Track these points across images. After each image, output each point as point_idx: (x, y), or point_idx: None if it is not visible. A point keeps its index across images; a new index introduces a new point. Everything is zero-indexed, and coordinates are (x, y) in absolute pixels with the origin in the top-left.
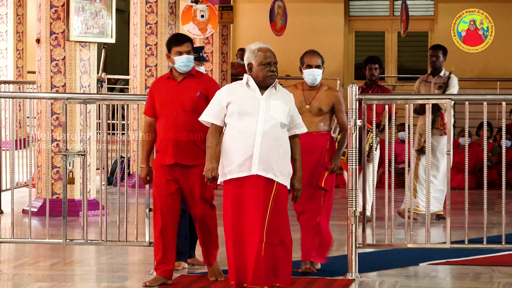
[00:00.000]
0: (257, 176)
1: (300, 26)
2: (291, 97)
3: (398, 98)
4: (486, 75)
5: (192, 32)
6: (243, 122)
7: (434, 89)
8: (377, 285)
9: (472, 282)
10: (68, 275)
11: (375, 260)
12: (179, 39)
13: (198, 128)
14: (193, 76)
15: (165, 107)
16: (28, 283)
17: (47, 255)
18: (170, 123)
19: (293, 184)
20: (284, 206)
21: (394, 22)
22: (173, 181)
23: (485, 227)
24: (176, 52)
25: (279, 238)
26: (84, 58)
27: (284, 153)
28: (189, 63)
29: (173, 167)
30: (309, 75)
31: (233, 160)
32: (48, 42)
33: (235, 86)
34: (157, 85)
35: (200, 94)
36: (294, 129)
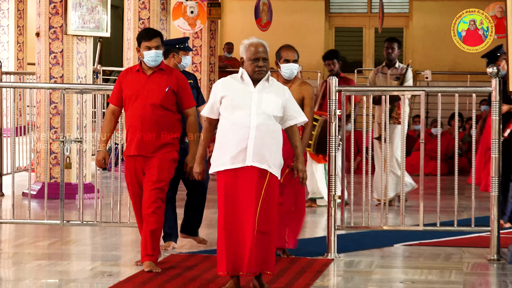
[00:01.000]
0: (251, 168)
1: (283, 22)
2: (285, 90)
3: (375, 90)
4: (457, 68)
5: (182, 27)
6: (236, 115)
7: (391, 80)
8: (355, 265)
9: (444, 262)
10: (65, 254)
11: (352, 241)
12: (148, 34)
13: (164, 122)
14: (162, 70)
15: (133, 100)
16: (27, 261)
17: (45, 235)
18: (137, 115)
19: (297, 167)
20: (275, 196)
21: (371, 18)
22: (141, 177)
23: (455, 211)
24: (145, 47)
25: (270, 226)
26: (81, 51)
27: (277, 145)
28: (157, 58)
29: (137, 158)
30: (287, 69)
31: (227, 152)
32: (47, 35)
33: (230, 80)
34: (125, 76)
35: (169, 90)
36: (288, 121)
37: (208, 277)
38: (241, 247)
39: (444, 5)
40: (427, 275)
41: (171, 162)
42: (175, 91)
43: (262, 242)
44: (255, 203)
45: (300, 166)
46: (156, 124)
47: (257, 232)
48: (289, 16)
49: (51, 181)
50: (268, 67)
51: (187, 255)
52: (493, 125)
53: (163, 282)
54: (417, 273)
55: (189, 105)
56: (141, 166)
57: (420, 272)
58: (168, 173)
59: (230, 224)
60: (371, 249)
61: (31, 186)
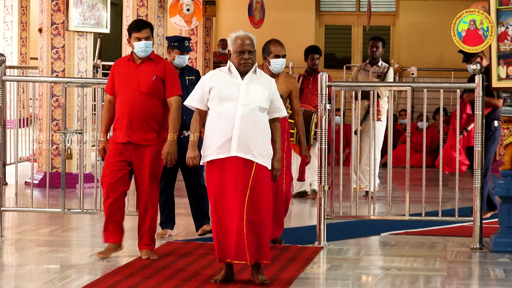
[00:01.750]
0: (236, 158)
1: (276, 20)
2: (272, 82)
3: (363, 86)
4: (441, 65)
5: (179, 24)
6: (223, 106)
7: (372, 78)
8: (343, 252)
9: (428, 251)
10: (66, 240)
11: (341, 230)
12: (138, 25)
13: (153, 109)
14: (151, 60)
15: (123, 88)
16: (29, 248)
17: (47, 222)
18: (126, 103)
19: (272, 164)
20: (266, 186)
21: (360, 17)
22: (125, 162)
23: (440, 202)
24: (135, 38)
25: (260, 216)
26: (82, 46)
27: (263, 135)
28: (147, 48)
29: (127, 145)
30: (277, 65)
31: (213, 142)
32: (49, 31)
33: (218, 72)
34: (117, 66)
35: (156, 78)
36: (274, 112)
37: (203, 263)
38: (229, 236)
39: (429, 4)
40: (413, 262)
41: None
42: (163, 79)
43: (253, 232)
44: (241, 193)
45: (276, 164)
46: (145, 112)
47: (247, 221)
48: (281, 14)
49: (53, 171)
50: (254, 59)
51: (183, 243)
52: (476, 119)
53: (159, 268)
54: (403, 260)
55: (172, 94)
56: (130, 153)
57: (406, 260)
58: (160, 163)
59: (218, 213)
60: (359, 238)
61: (33, 176)
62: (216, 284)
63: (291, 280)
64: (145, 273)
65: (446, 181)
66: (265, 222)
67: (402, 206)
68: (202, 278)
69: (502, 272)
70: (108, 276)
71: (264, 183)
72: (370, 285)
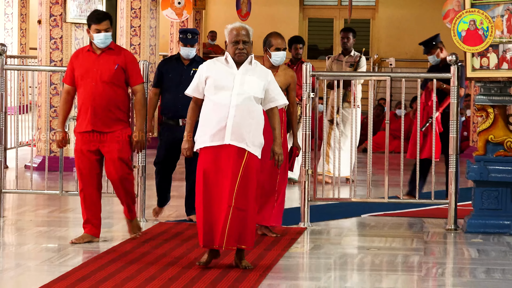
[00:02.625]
0: (230, 146)
1: (261, 13)
2: (268, 73)
3: (345, 75)
4: (418, 56)
5: (170, 17)
6: (218, 96)
7: (346, 67)
8: (326, 233)
9: (406, 231)
10: (63, 221)
11: (324, 212)
12: (98, 17)
13: (115, 98)
14: (112, 50)
15: (85, 78)
16: (29, 228)
17: (46, 204)
18: (88, 92)
19: (273, 150)
20: (254, 175)
21: (341, 10)
22: (93, 152)
23: (417, 185)
24: (95, 29)
25: (247, 203)
26: (78, 37)
27: (257, 125)
28: (106, 40)
29: (91, 134)
30: (278, 57)
31: (207, 130)
32: (48, 23)
33: (215, 62)
34: (77, 57)
35: (118, 67)
36: (270, 102)
37: (192, 243)
38: (216, 222)
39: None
40: (391, 242)
41: (127, 138)
42: (124, 68)
43: (238, 218)
44: (232, 180)
45: (276, 149)
46: (108, 100)
47: (234, 208)
48: (266, 7)
49: (51, 155)
50: (249, 50)
51: (174, 223)
52: (451, 107)
53: (152, 247)
54: (382, 241)
55: (135, 82)
56: (95, 141)
57: (385, 240)
58: (128, 149)
59: (206, 199)
60: (341, 219)
61: (32, 159)
62: (200, 267)
63: (277, 259)
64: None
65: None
66: (251, 210)
67: (381, 189)
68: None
69: (475, 251)
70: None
71: (254, 172)
72: (351, 264)
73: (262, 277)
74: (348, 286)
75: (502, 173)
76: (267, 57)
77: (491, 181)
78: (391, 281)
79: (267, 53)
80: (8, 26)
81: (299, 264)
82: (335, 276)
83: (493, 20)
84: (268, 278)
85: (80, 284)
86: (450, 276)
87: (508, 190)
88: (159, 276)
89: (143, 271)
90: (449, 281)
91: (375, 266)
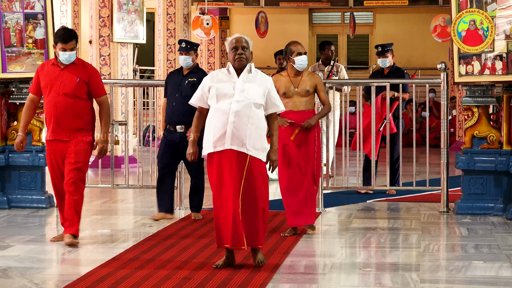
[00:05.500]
0: (231, 151)
1: (277, 30)
2: (268, 80)
3: (350, 83)
4: (410, 65)
5: (200, 35)
6: (220, 103)
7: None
8: (337, 216)
9: (405, 214)
10: (114, 210)
11: (336, 198)
12: (64, 37)
13: (77, 109)
14: (76, 64)
15: (49, 90)
16: (86, 216)
17: (99, 196)
18: (52, 103)
19: (269, 155)
20: (260, 177)
21: (344, 27)
22: (57, 153)
23: (414, 174)
24: (61, 47)
25: (255, 205)
26: (123, 54)
27: (257, 129)
28: (70, 58)
29: (56, 142)
30: (302, 61)
31: (210, 136)
32: (98, 43)
33: (217, 73)
34: (42, 69)
35: (80, 80)
36: (270, 108)
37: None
38: (226, 223)
39: (399, 17)
40: (393, 223)
41: (86, 145)
42: (86, 82)
43: (247, 220)
44: (237, 183)
45: (272, 155)
46: (69, 111)
47: (242, 210)
48: (281, 26)
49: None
50: (248, 56)
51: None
52: (442, 108)
53: (192, 230)
54: (385, 222)
55: (98, 95)
56: (59, 149)
57: (388, 222)
58: (85, 155)
59: (217, 202)
60: (350, 204)
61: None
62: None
63: (297, 239)
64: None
65: (417, 158)
66: (258, 210)
67: (384, 178)
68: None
69: (465, 230)
70: (149, 239)
71: (258, 174)
72: (360, 242)
73: (286, 254)
74: (358, 261)
75: (486, 163)
76: (291, 64)
77: (477, 170)
78: (395, 257)
79: (290, 60)
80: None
81: (315, 242)
82: (347, 253)
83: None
84: (290, 255)
85: (130, 264)
86: (445, 252)
87: (491, 177)
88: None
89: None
90: (444, 256)
91: (380, 244)
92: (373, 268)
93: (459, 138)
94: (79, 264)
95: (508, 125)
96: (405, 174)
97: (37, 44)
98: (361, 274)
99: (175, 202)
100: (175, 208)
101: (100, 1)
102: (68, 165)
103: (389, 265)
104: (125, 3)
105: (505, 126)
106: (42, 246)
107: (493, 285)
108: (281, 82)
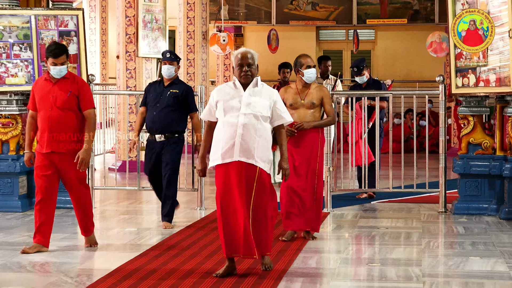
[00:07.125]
0: (239, 162)
1: (287, 46)
2: (274, 93)
3: (357, 94)
4: (409, 78)
5: (217, 51)
6: (228, 117)
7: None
8: (344, 216)
9: (406, 214)
10: (139, 210)
11: (343, 199)
12: (55, 52)
13: (70, 122)
14: (67, 78)
15: (42, 104)
16: (114, 215)
17: (126, 197)
18: (46, 117)
19: (280, 165)
20: (267, 188)
21: (348, 43)
22: (50, 165)
23: (414, 177)
24: (52, 62)
25: (264, 214)
26: (148, 68)
27: (264, 141)
28: (61, 72)
29: (51, 155)
30: (310, 74)
31: (218, 149)
32: (124, 57)
33: (224, 87)
34: (36, 84)
35: (71, 94)
36: (277, 120)
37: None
38: (236, 233)
39: (398, 34)
40: (396, 223)
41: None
42: (77, 95)
43: (257, 229)
44: (247, 194)
45: (283, 164)
46: (62, 124)
47: (253, 220)
48: (291, 42)
49: (129, 159)
50: (254, 72)
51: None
52: (440, 117)
53: (210, 230)
54: (388, 221)
55: (86, 107)
56: (54, 161)
57: (391, 221)
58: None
59: (225, 213)
60: (356, 205)
61: (115, 163)
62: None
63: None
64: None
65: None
66: (267, 219)
67: (387, 181)
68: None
69: (462, 228)
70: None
71: (267, 184)
72: (365, 240)
73: (298, 251)
74: (364, 257)
75: (480, 167)
76: (300, 76)
77: (472, 174)
78: (398, 253)
79: (299, 72)
80: (92, 61)
81: (324, 240)
82: (354, 249)
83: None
84: (303, 252)
85: (156, 260)
86: (443, 248)
87: (485, 180)
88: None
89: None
90: (443, 252)
91: (384, 241)
92: (379, 263)
93: (454, 144)
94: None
95: (501, 133)
96: (406, 177)
97: (70, 58)
98: (368, 268)
99: (196, 203)
100: (195, 209)
101: (127, 19)
102: (70, 179)
103: (393, 261)
104: (149, 22)
105: (498, 133)
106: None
107: (488, 278)
108: (289, 93)
